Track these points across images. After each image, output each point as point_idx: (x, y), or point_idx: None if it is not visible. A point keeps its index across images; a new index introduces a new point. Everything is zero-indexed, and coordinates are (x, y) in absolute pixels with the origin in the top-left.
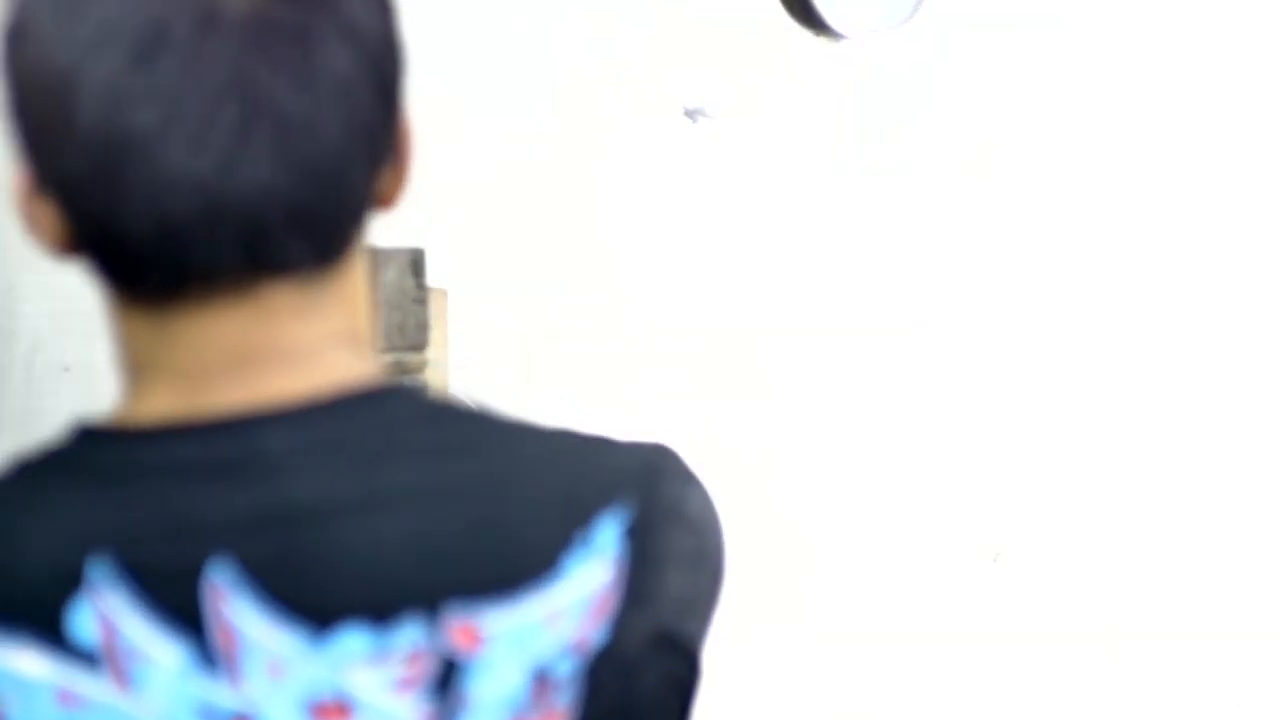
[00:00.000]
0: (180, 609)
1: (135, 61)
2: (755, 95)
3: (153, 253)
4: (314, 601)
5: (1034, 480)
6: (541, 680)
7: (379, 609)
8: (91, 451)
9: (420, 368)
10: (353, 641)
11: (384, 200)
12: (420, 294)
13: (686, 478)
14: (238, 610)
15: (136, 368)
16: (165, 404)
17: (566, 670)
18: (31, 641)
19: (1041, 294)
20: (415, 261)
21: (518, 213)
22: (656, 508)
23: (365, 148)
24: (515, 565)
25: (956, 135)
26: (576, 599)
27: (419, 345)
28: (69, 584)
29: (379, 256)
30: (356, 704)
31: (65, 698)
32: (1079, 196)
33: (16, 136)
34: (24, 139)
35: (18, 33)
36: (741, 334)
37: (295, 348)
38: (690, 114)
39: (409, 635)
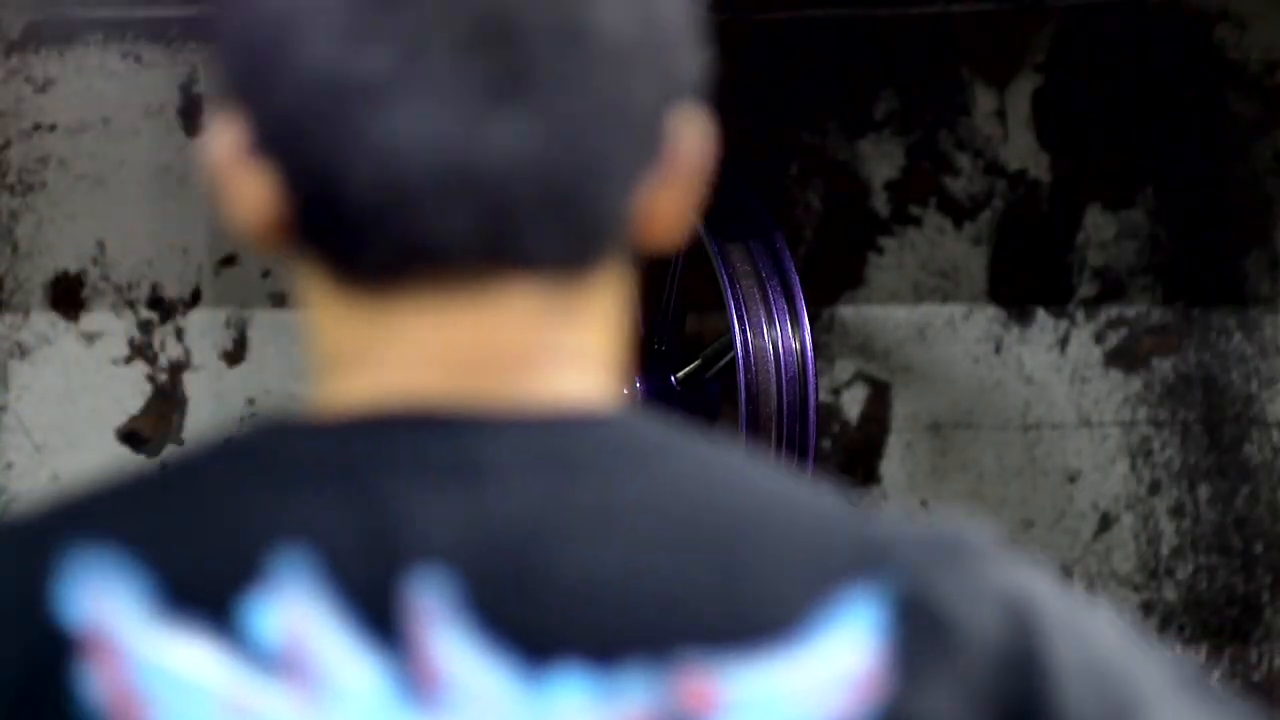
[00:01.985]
0: (379, 625)
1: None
2: None
3: (376, 222)
4: (527, 633)
5: None
6: None
7: (600, 648)
8: (283, 444)
9: None
10: (570, 684)
11: (657, 223)
12: None
13: (1000, 556)
14: (446, 636)
15: (336, 360)
16: (375, 397)
17: None
18: (206, 636)
19: None
20: None
21: None
22: (946, 584)
23: (636, 139)
24: (754, 619)
25: None
26: (835, 674)
27: None
28: (253, 577)
29: None
30: None
31: (235, 710)
32: None
33: (227, 89)
34: (235, 90)
35: None
36: None
37: (526, 360)
38: None
39: (633, 685)
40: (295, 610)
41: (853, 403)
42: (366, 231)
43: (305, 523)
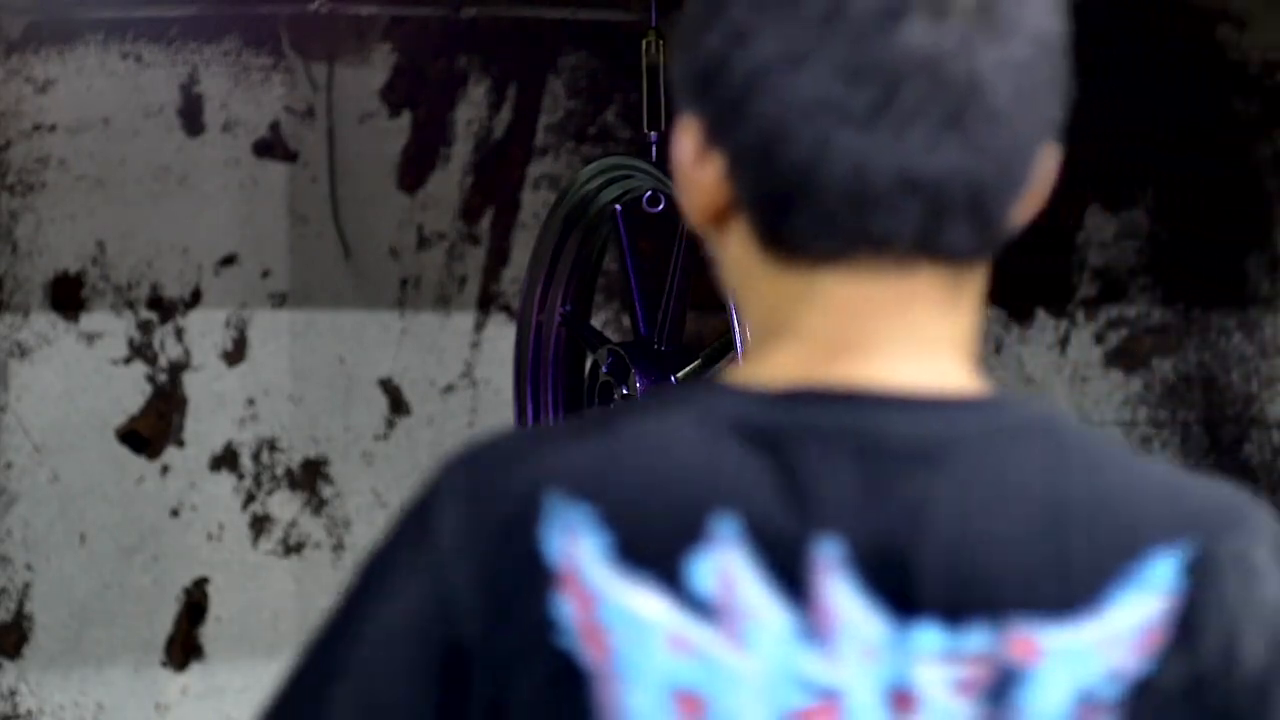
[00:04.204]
0: (788, 576)
1: (863, 39)
2: None
3: (841, 212)
4: (902, 590)
5: None
6: (1086, 703)
7: (954, 608)
8: (718, 410)
9: None
10: (929, 636)
11: (1024, 210)
12: None
13: (1263, 535)
14: (840, 588)
15: (768, 331)
16: (792, 369)
17: (1110, 696)
18: (654, 585)
19: None
20: None
21: None
22: (1230, 564)
23: (1026, 163)
24: (1072, 586)
25: None
26: (1127, 626)
27: None
28: (695, 536)
29: None
30: (923, 699)
31: (676, 643)
32: None
33: (698, 106)
34: (711, 107)
35: (718, 7)
36: None
37: (922, 338)
38: None
39: (977, 639)
40: (726, 566)
41: None
42: (830, 220)
43: (736, 489)
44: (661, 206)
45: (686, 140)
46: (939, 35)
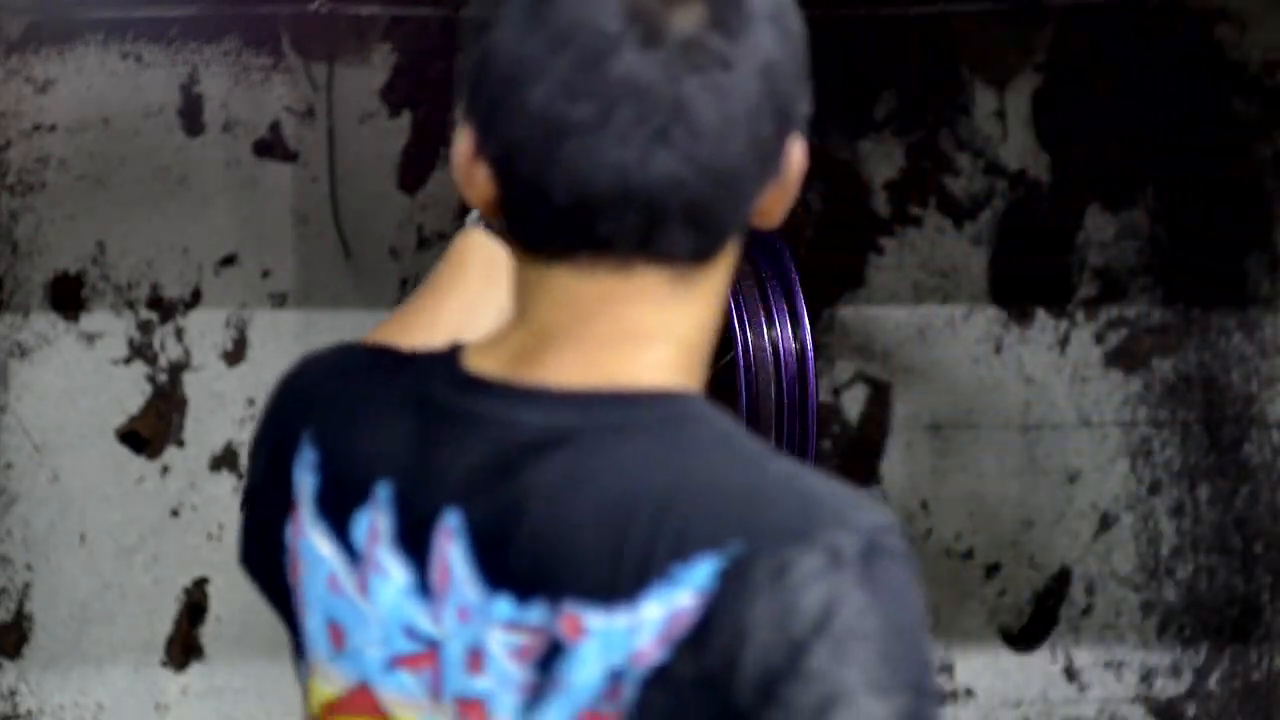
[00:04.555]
0: (416, 539)
1: (584, 63)
2: None
3: (566, 219)
4: (497, 562)
5: None
6: (615, 680)
7: (526, 583)
8: (428, 380)
9: None
10: (503, 606)
11: (766, 216)
12: None
13: (837, 564)
14: (453, 554)
15: (514, 313)
16: (501, 354)
17: (634, 677)
18: (331, 531)
19: None
20: None
21: None
22: (767, 568)
23: (759, 165)
24: (621, 576)
25: None
26: (654, 618)
27: None
28: (363, 496)
29: None
30: (489, 659)
31: (333, 582)
32: None
33: (469, 111)
34: (476, 113)
35: (485, 24)
36: None
37: (641, 332)
38: None
39: (537, 613)
40: (374, 524)
41: (853, 403)
42: (557, 225)
43: (398, 460)
44: None
45: (463, 142)
46: (648, 64)
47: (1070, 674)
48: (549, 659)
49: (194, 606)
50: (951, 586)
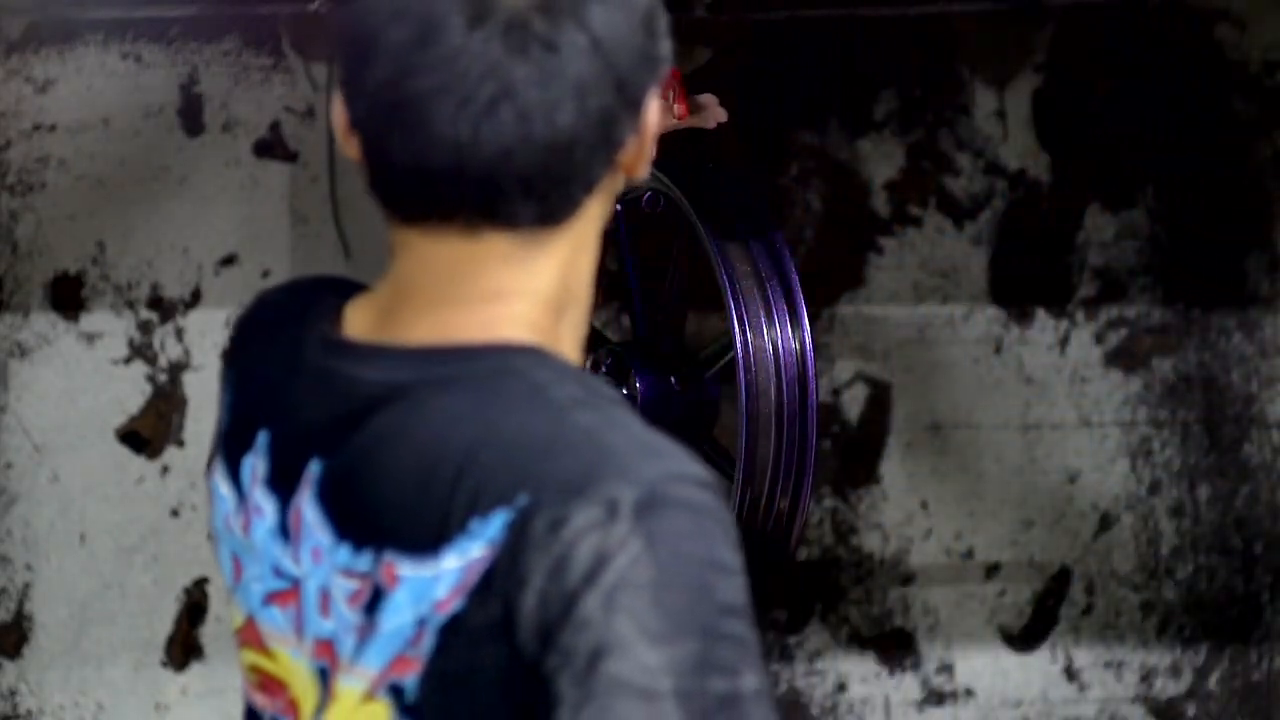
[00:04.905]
0: (284, 485)
1: (416, 41)
2: None
3: (410, 189)
4: (343, 511)
5: None
6: (421, 626)
7: (361, 532)
8: (310, 337)
9: None
10: (343, 552)
11: (629, 169)
12: None
13: (613, 516)
14: (309, 501)
15: (386, 272)
16: (366, 313)
17: (435, 624)
18: (229, 473)
19: None
20: None
21: None
22: (546, 521)
23: (599, 133)
24: (431, 527)
25: None
26: (451, 569)
27: None
28: (250, 443)
29: None
30: (333, 602)
31: (227, 520)
32: None
33: (339, 83)
34: (340, 86)
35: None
36: None
37: (491, 292)
38: None
39: (365, 560)
40: (255, 470)
41: (853, 403)
42: (405, 195)
43: (276, 411)
44: (661, 207)
45: (338, 116)
46: (474, 43)
47: (1070, 674)
48: (373, 605)
49: (194, 606)
50: (951, 586)
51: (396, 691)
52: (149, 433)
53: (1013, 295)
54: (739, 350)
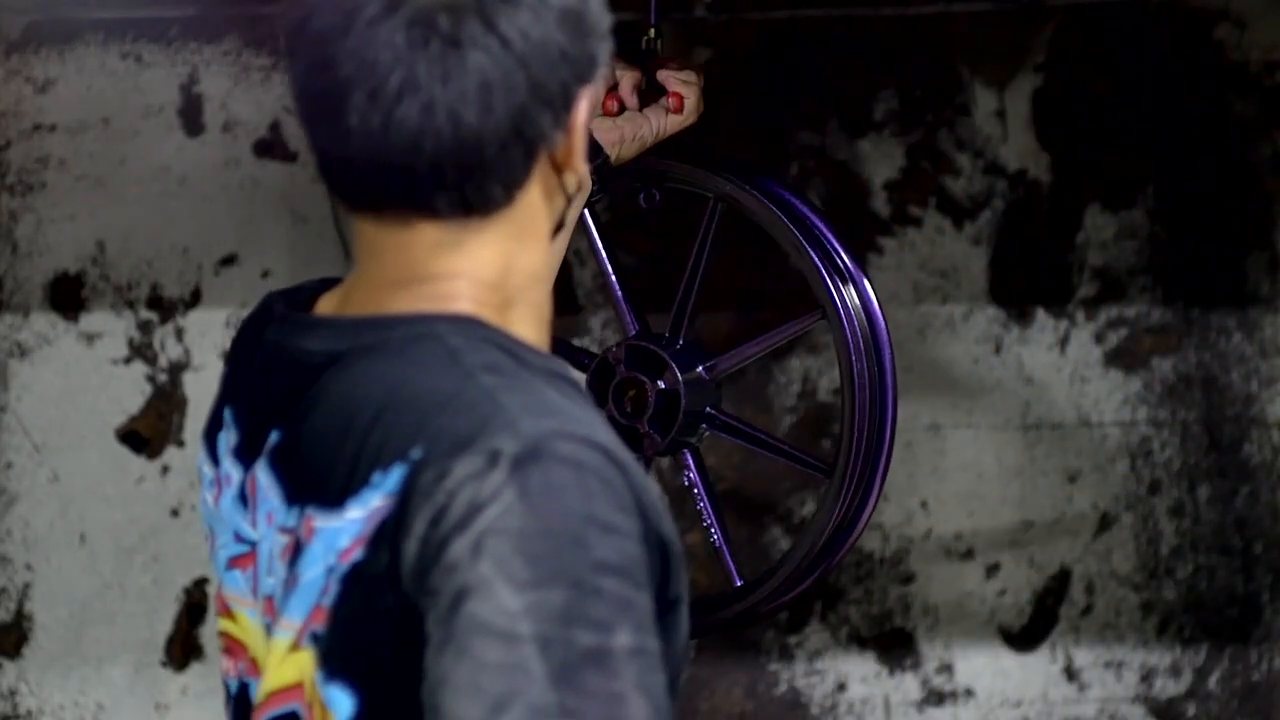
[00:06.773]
0: (247, 456)
1: (328, 37)
2: None
3: (343, 179)
4: (287, 474)
5: None
6: (329, 575)
7: (293, 491)
8: (272, 315)
9: None
10: (280, 512)
11: (563, 163)
12: None
13: (491, 466)
14: (264, 468)
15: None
16: (332, 298)
17: (340, 573)
18: (207, 450)
19: None
20: None
21: None
22: (434, 473)
23: (511, 130)
24: (341, 481)
25: None
26: (353, 519)
27: None
28: (221, 420)
29: None
30: (274, 560)
31: (209, 485)
32: None
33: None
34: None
35: None
36: None
37: (429, 274)
38: None
39: (292, 517)
40: (226, 444)
41: None
42: (339, 182)
43: (242, 388)
44: (657, 203)
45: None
46: (380, 40)
47: (1070, 674)
48: (295, 558)
49: (194, 606)
50: (951, 586)
51: (317, 639)
52: (149, 433)
53: (1013, 295)
54: (839, 308)
